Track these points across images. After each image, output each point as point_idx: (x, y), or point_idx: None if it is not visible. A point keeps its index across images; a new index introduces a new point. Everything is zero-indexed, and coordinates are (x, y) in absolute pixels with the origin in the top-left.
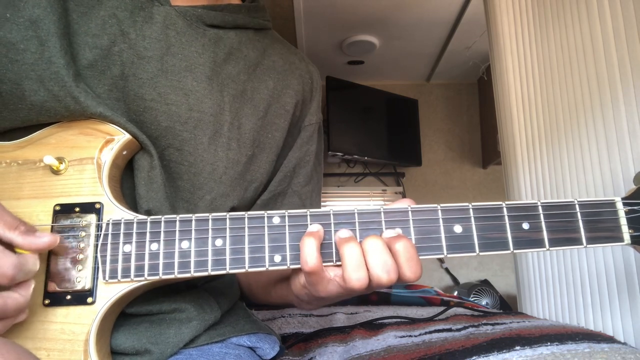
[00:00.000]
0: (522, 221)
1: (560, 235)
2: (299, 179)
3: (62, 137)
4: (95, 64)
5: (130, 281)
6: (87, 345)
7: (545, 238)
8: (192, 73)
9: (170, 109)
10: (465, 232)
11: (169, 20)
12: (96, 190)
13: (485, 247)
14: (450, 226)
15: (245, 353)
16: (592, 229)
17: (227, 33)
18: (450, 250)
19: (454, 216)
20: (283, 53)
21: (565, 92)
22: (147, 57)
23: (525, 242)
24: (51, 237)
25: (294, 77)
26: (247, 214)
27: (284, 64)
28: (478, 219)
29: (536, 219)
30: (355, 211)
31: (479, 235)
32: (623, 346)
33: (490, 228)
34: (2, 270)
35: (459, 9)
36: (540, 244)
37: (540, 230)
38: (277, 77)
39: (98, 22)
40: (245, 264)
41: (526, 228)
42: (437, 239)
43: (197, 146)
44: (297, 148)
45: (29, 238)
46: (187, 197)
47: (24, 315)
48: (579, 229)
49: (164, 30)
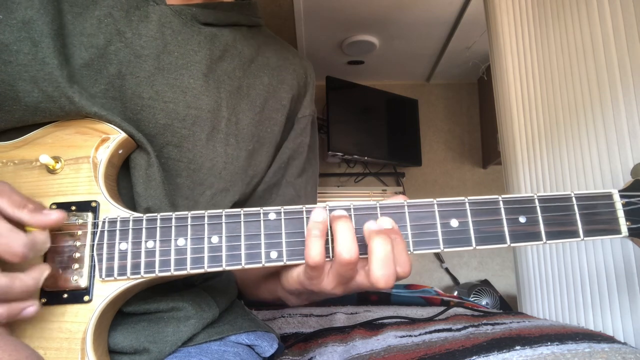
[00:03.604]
0: (518, 215)
1: (557, 229)
2: (293, 170)
3: (58, 136)
4: (92, 63)
5: (126, 279)
6: (85, 343)
7: (542, 231)
8: (188, 70)
9: (168, 106)
10: (461, 226)
11: (164, 19)
12: (92, 189)
13: (481, 241)
14: (446, 220)
15: (244, 351)
16: (589, 222)
17: (222, 30)
18: (446, 244)
19: (450, 210)
20: (276, 49)
21: (565, 92)
22: (144, 56)
23: (522, 236)
24: (59, 213)
25: (288, 72)
26: (243, 211)
27: (278, 59)
28: (474, 213)
29: (533, 212)
30: (352, 206)
31: (476, 229)
32: (623, 346)
33: (486, 222)
34: (13, 248)
35: (459, 9)
36: (537, 237)
37: (537, 224)
38: (272, 72)
39: (93, 21)
40: (241, 260)
41: (523, 221)
42: (434, 233)
43: (195, 143)
44: (291, 140)
45: (37, 215)
46: (187, 194)
47: (33, 308)
48: (576, 222)
49: (159, 28)
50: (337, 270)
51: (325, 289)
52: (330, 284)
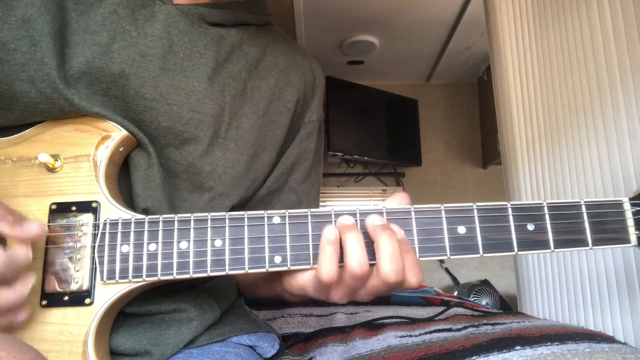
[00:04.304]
0: (526, 222)
1: (566, 237)
2: (296, 176)
3: (57, 133)
4: (93, 61)
5: (128, 282)
6: (86, 346)
7: (550, 239)
8: (194, 73)
9: (172, 109)
10: (469, 232)
11: (171, 19)
12: (92, 188)
13: (489, 249)
14: (454, 227)
15: (246, 351)
16: (598, 230)
17: (229, 31)
18: (453, 251)
19: (457, 216)
20: (285, 49)
21: (565, 92)
22: (149, 56)
23: (530, 244)
24: (39, 226)
25: (295, 73)
26: (247, 214)
27: (286, 60)
28: (482, 220)
29: (541, 219)
30: (357, 211)
31: (483, 236)
32: (623, 346)
33: (494, 229)
34: None
35: (459, 9)
36: (545, 246)
37: (545, 232)
38: (279, 74)
39: (97, 19)
40: (245, 264)
41: (531, 229)
42: (440, 239)
43: (197, 147)
44: (296, 145)
45: (16, 228)
46: (185, 195)
47: (23, 314)
48: (585, 230)
49: (166, 28)
50: (347, 283)
51: (332, 298)
52: (338, 294)
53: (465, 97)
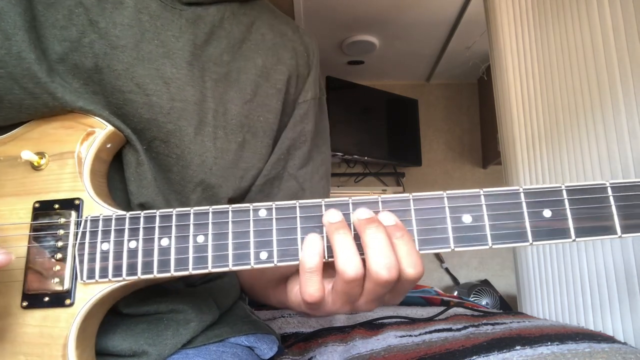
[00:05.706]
0: (542, 208)
1: (589, 224)
2: (295, 161)
3: (44, 131)
4: (67, 58)
5: (108, 282)
6: (66, 349)
7: (570, 227)
8: (170, 59)
9: (151, 99)
10: (475, 221)
11: (140, 4)
12: (76, 185)
13: (499, 239)
14: (458, 216)
15: (244, 352)
16: (627, 216)
17: (207, 9)
18: (458, 242)
19: (462, 204)
20: (273, 24)
21: (565, 92)
22: (121, 47)
23: (547, 232)
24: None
25: (285, 50)
26: (232, 207)
27: (275, 36)
28: (491, 207)
29: (560, 205)
30: (350, 201)
31: (492, 225)
32: (623, 346)
33: (505, 217)
34: None
35: (459, 9)
36: (564, 235)
37: (565, 218)
38: (267, 52)
39: (65, 12)
40: (228, 261)
41: (548, 216)
42: (443, 229)
43: (182, 138)
44: (291, 128)
45: None
46: (178, 189)
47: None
48: (612, 216)
49: (136, 15)
50: (341, 289)
51: (329, 311)
52: (334, 304)
53: (465, 97)
